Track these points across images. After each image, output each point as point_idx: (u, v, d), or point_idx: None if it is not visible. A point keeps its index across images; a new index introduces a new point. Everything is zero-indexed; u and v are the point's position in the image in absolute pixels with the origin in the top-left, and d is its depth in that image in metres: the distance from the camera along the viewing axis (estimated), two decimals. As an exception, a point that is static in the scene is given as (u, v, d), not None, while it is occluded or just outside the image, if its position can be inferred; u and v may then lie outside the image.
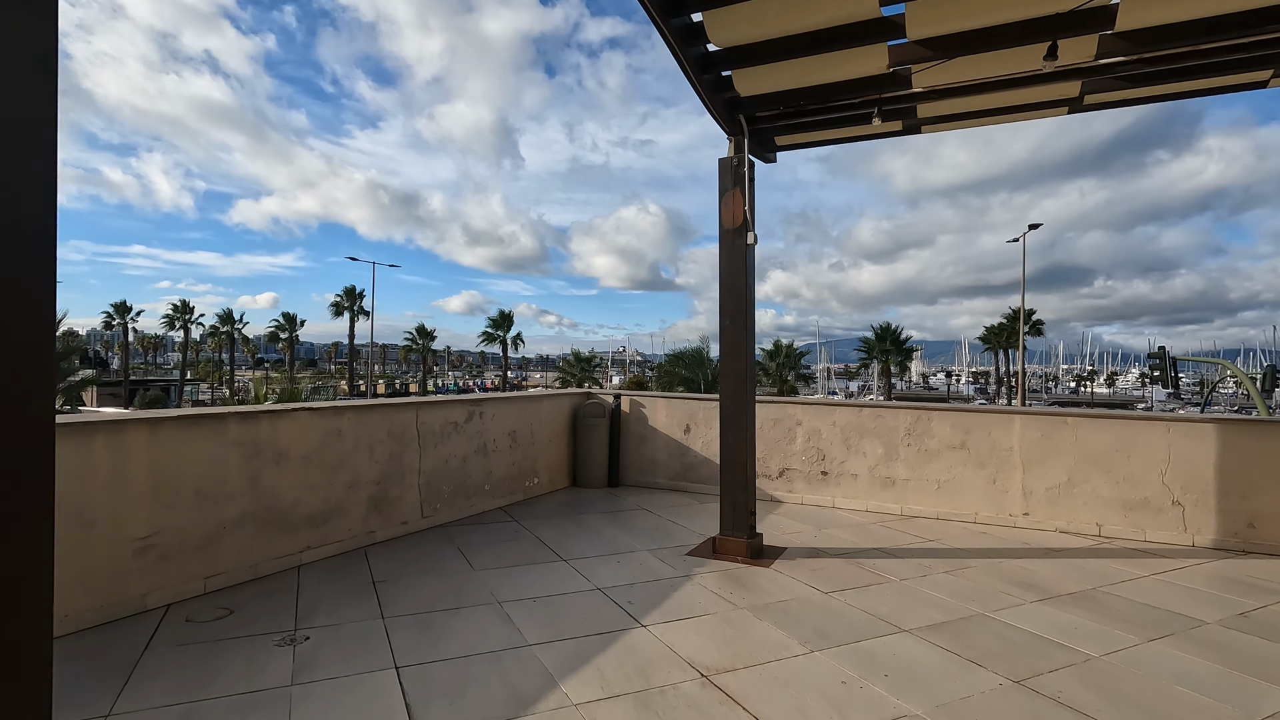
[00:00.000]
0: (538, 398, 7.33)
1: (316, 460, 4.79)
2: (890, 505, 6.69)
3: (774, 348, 48.32)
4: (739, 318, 5.17)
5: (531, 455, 7.15)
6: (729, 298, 5.21)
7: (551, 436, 7.49)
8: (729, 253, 5.19)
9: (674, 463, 7.72)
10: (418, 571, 4.62)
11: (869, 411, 6.84)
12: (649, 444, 7.87)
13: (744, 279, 5.16)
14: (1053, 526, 6.06)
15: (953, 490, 6.45)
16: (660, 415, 7.81)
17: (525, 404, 7.09)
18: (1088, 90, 4.53)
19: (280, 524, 4.53)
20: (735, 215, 5.16)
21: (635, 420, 7.94)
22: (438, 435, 5.90)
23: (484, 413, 6.47)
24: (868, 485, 6.81)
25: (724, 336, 5.24)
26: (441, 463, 5.94)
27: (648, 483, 7.83)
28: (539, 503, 6.92)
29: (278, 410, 4.51)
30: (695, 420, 7.62)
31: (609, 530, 5.88)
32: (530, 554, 5.13)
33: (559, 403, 7.68)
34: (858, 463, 6.86)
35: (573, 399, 7.95)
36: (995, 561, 5.11)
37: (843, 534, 5.90)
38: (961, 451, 6.43)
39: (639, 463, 7.91)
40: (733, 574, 4.72)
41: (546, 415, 7.41)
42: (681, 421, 7.68)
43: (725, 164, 5.22)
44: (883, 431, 6.76)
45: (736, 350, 5.19)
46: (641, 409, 7.92)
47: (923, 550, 5.42)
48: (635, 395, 8.04)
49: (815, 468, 7.05)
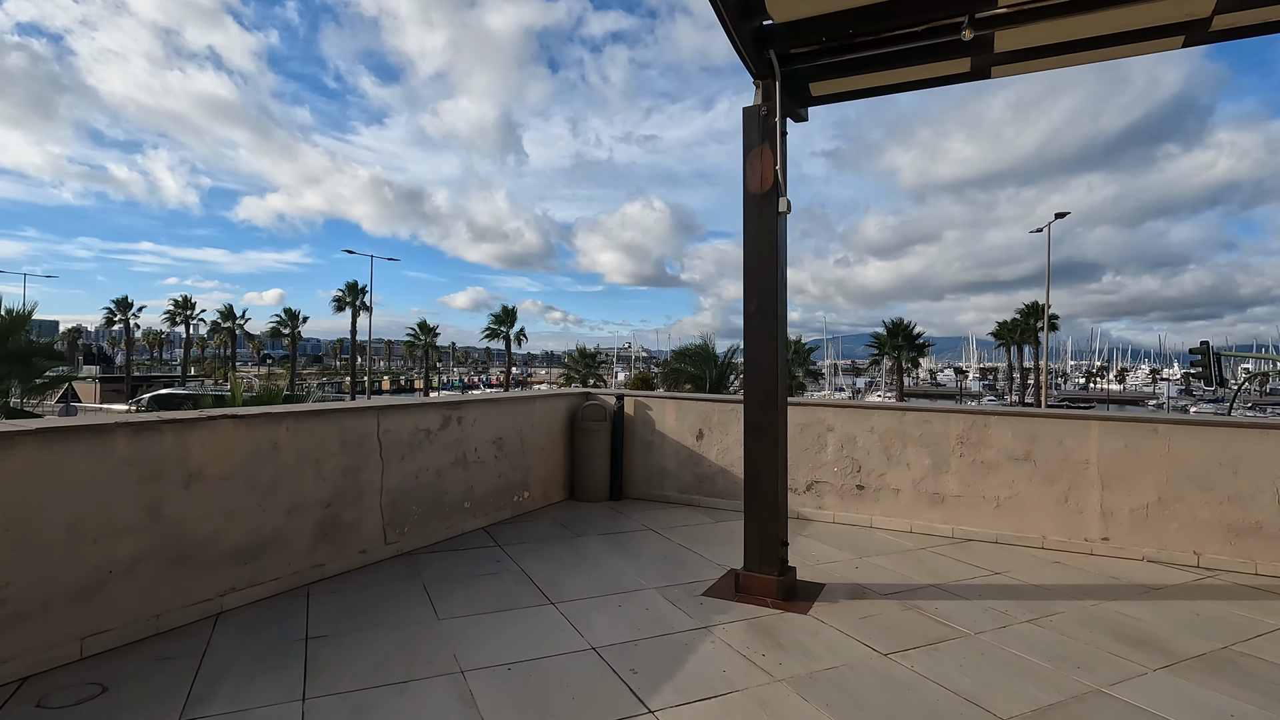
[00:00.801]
0: (528, 399, 6.38)
1: (244, 480, 3.85)
2: (939, 525, 5.71)
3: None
4: (767, 304, 4.20)
5: (521, 466, 6.20)
6: (755, 279, 4.24)
7: (545, 444, 6.54)
8: (756, 224, 4.22)
9: (685, 473, 6.77)
10: (366, 622, 3.67)
11: (913, 416, 5.86)
12: (657, 452, 6.91)
13: (774, 256, 4.19)
14: (1139, 554, 5.07)
15: (1015, 509, 5.47)
16: (669, 418, 6.86)
17: (513, 407, 6.14)
18: (1223, 7, 3.52)
19: (193, 563, 3.59)
20: (763, 176, 4.19)
21: (641, 424, 6.99)
22: (406, 445, 4.96)
23: (463, 418, 5.52)
24: (912, 501, 5.83)
25: (749, 327, 4.27)
26: (410, 478, 4.99)
27: (655, 496, 6.87)
28: (530, 522, 5.97)
29: (187, 419, 3.57)
30: (710, 424, 6.65)
31: (610, 559, 4.92)
32: (512, 593, 4.18)
33: (554, 405, 6.72)
34: (900, 475, 5.88)
35: (569, 400, 7.00)
36: (1085, 604, 4.13)
37: (888, 563, 4.93)
38: (1026, 464, 5.44)
39: (645, 473, 6.96)
40: (763, 624, 3.76)
41: (539, 419, 6.46)
42: (694, 426, 6.72)
43: (751, 114, 4.25)
44: (930, 439, 5.78)
45: (764, 345, 4.22)
46: (648, 411, 6.96)
47: (991, 587, 4.44)
48: (641, 396, 7.09)
49: (850, 481, 6.08)
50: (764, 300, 4.21)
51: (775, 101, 4.17)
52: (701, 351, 29.66)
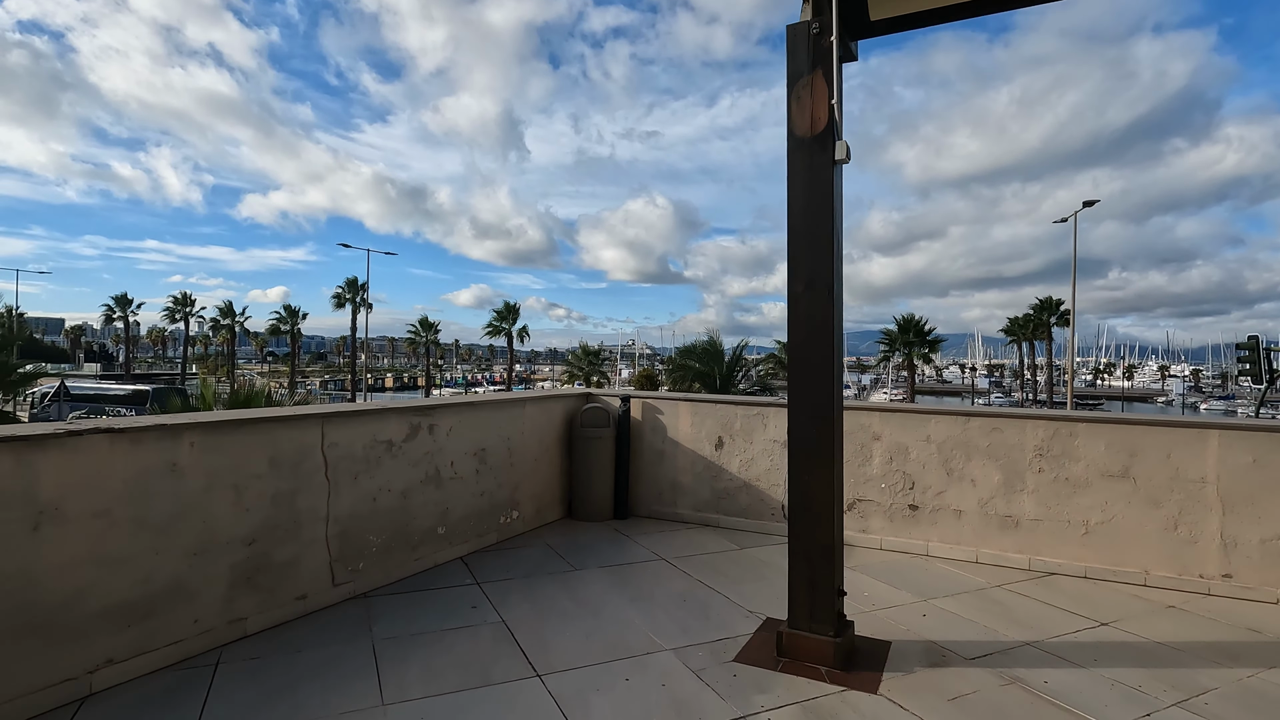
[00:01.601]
0: (517, 402, 5.40)
1: (127, 516, 2.89)
2: (1012, 555, 4.72)
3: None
4: (820, 281, 3.21)
5: (509, 481, 5.24)
6: (804, 249, 3.25)
7: (538, 454, 5.57)
8: (805, 177, 3.23)
9: (702, 488, 5.79)
10: (284, 711, 2.71)
11: (979, 424, 4.86)
12: (669, 462, 5.93)
13: (828, 220, 3.20)
14: (1273, 595, 4.08)
15: (1109, 537, 4.47)
16: (683, 424, 5.88)
17: (499, 412, 5.16)
18: None
19: (46, 632, 2.64)
20: (814, 114, 3.20)
21: (650, 431, 6.01)
22: (361, 462, 3.99)
23: (436, 426, 4.55)
24: (978, 525, 4.85)
25: (795, 314, 3.27)
26: (367, 501, 4.03)
27: (667, 514, 5.90)
28: (518, 549, 5.00)
29: (34, 436, 2.60)
30: (731, 431, 5.67)
31: (614, 602, 3.95)
32: (487, 658, 3.21)
33: (548, 409, 5.75)
34: (963, 494, 4.89)
35: (567, 404, 6.02)
36: (1239, 675, 3.14)
37: (962, 608, 3.94)
38: (1123, 482, 4.45)
39: (655, 487, 5.98)
40: (822, 711, 2.78)
41: (531, 426, 5.48)
42: (712, 433, 5.74)
43: (798, 33, 3.26)
44: (1000, 451, 4.79)
45: (816, 336, 3.23)
46: (658, 416, 5.98)
47: (1104, 646, 3.45)
48: (650, 398, 6.11)
49: (901, 499, 5.09)
50: (816, 276, 3.22)
51: (830, 16, 3.17)
52: (709, 348, 28.59)
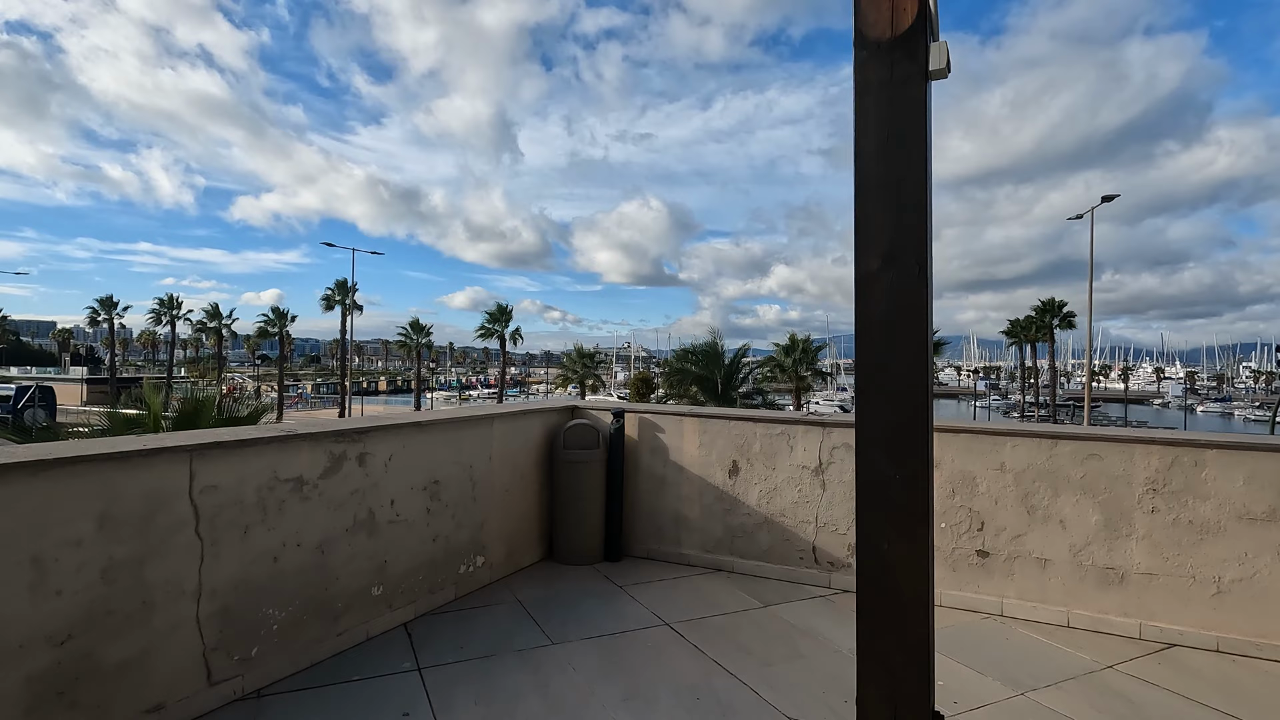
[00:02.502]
0: (482, 420, 4.32)
1: None
2: (1116, 618, 3.67)
3: (790, 342, 45.24)
4: (905, 253, 2.12)
5: (472, 519, 4.17)
6: (882, 208, 2.16)
7: (510, 483, 4.50)
8: (881, 99, 2.15)
9: (712, 523, 4.73)
10: None
11: (1071, 449, 3.81)
12: (671, 491, 4.87)
13: (919, 164, 2.12)
14: None
15: (1252, 598, 3.43)
16: (689, 444, 4.82)
17: (459, 433, 4.09)
18: None
19: None
20: (899, 3, 2.14)
21: (649, 452, 4.94)
22: (255, 509, 2.92)
23: (369, 455, 3.47)
24: (1069, 579, 3.80)
25: (867, 300, 2.18)
26: (264, 563, 2.95)
27: (669, 554, 4.84)
28: (481, 607, 3.93)
29: None
30: (748, 454, 4.62)
31: (601, 706, 2.87)
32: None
33: (524, 427, 4.68)
34: (1049, 538, 3.84)
35: (547, 420, 4.94)
36: None
37: (1075, 706, 2.89)
38: (1271, 527, 3.40)
39: (655, 522, 4.92)
40: None
41: (502, 449, 4.41)
42: (725, 456, 4.68)
43: (871, -115, 2.20)
44: (1099, 484, 3.74)
45: (902, 333, 2.15)
46: (658, 435, 4.92)
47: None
48: (649, 412, 5.04)
49: (966, 543, 4.04)
50: (899, 246, 2.14)
51: None
52: (709, 350, 27.54)
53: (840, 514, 4.34)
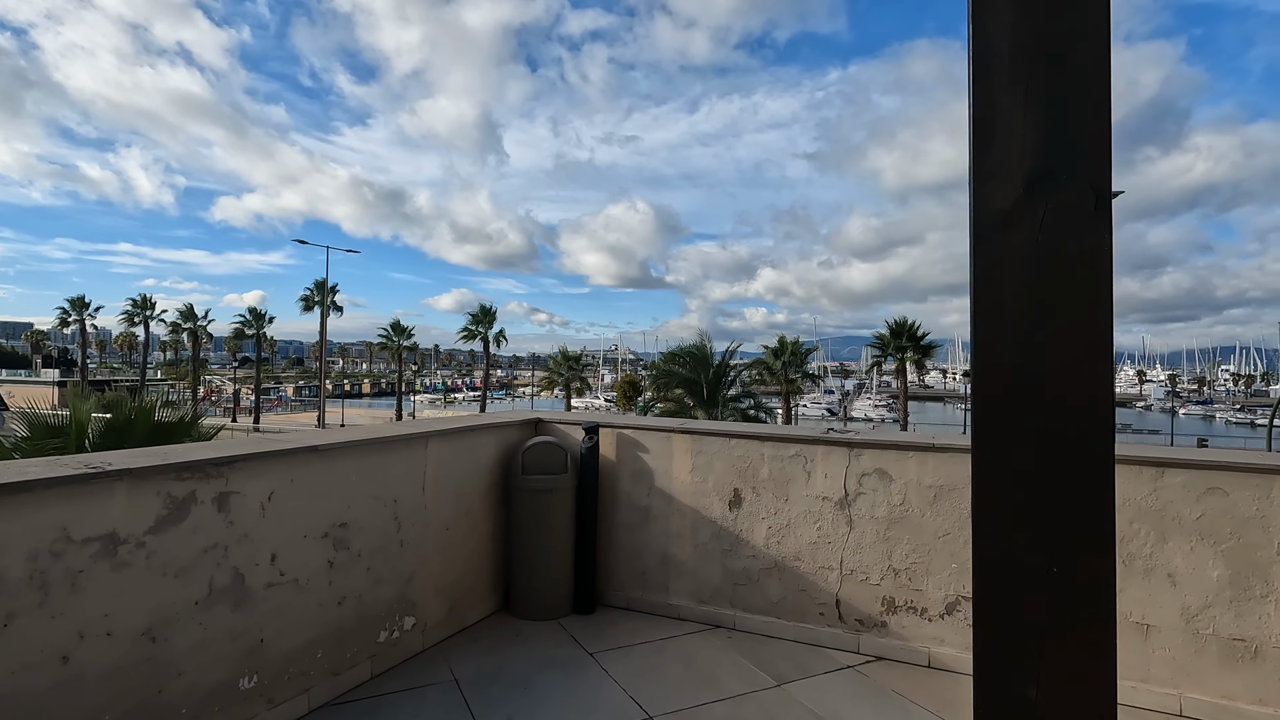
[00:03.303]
0: (414, 439, 3.33)
1: None
2: (1249, 706, 2.76)
3: (779, 344, 44.47)
4: (1070, 177, 1.20)
5: (396, 569, 3.19)
6: (1027, 98, 1.25)
7: (454, 519, 3.53)
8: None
9: (708, 567, 3.78)
10: None
11: (1183, 479, 2.90)
12: (657, 526, 3.92)
13: (1103, 13, 1.21)
14: None
15: None
16: (680, 467, 3.87)
17: (379, 458, 3.11)
18: None
19: None
20: None
21: (630, 477, 3.99)
22: (23, 591, 1.94)
23: (236, 494, 2.49)
24: (1181, 651, 2.89)
25: (992, 256, 1.27)
26: (44, 668, 1.97)
27: (655, 605, 3.88)
28: (404, 691, 2.95)
29: None
30: (754, 480, 3.68)
31: None
32: None
33: (471, 447, 3.70)
34: (1153, 597, 2.93)
35: (502, 437, 3.97)
36: None
37: None
38: None
39: (637, 563, 3.97)
40: None
41: (440, 476, 3.44)
42: (724, 481, 3.74)
43: None
44: (1222, 527, 2.83)
45: (1068, 301, 1.23)
46: (642, 455, 3.96)
47: None
48: (630, 427, 4.08)
49: (1039, 601, 3.13)
50: (1061, 161, 1.21)
51: None
52: (696, 352, 26.61)
53: (872, 559, 3.41)
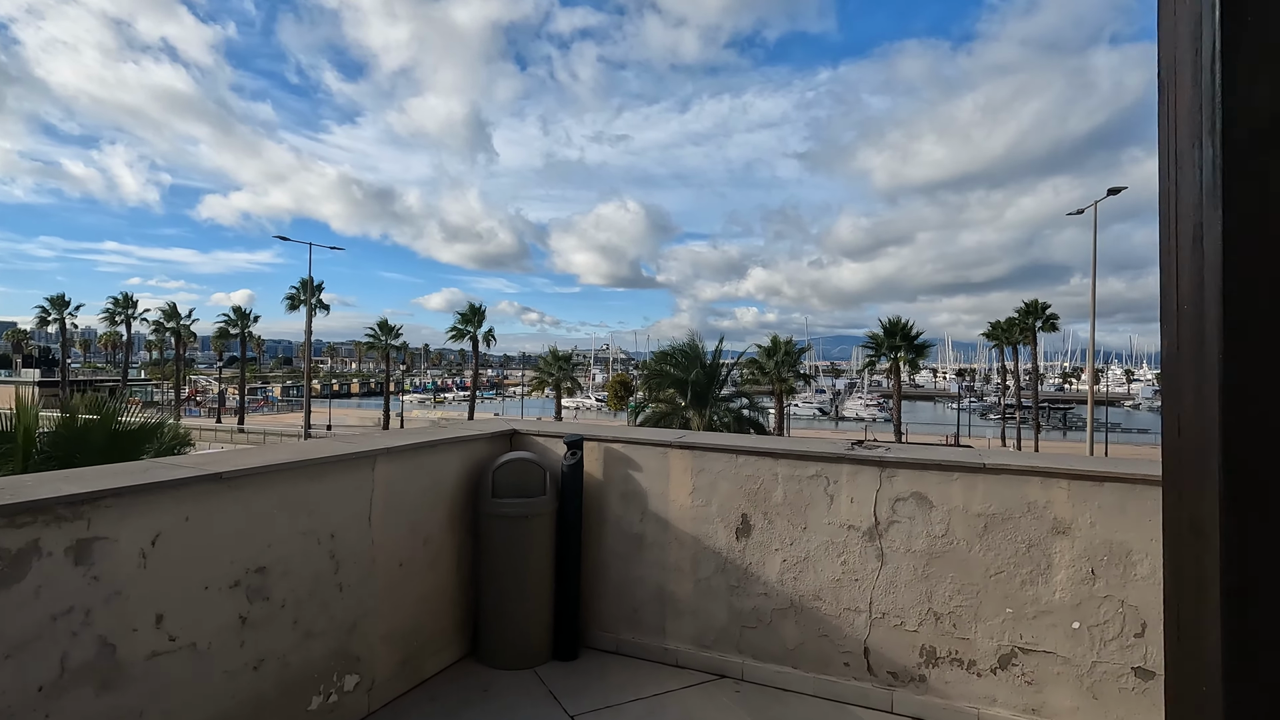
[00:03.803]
0: (356, 461, 2.74)
1: None
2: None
3: (771, 343, 44.02)
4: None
5: (334, 619, 2.61)
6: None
7: (408, 552, 2.95)
8: None
9: (713, 606, 3.23)
10: None
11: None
12: (652, 556, 3.36)
13: None
14: None
15: None
16: (679, 488, 3.31)
17: (306, 485, 2.51)
18: None
19: None
20: None
21: (620, 499, 3.42)
22: None
23: (103, 540, 1.91)
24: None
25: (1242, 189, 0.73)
26: None
27: (649, 650, 3.32)
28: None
29: None
30: (766, 504, 3.12)
31: None
32: None
33: (430, 467, 3.12)
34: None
35: (469, 453, 3.38)
36: None
37: None
38: None
39: (629, 600, 3.40)
40: None
41: (392, 504, 2.86)
42: (730, 505, 3.19)
43: None
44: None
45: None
46: (634, 473, 3.40)
47: None
48: (620, 441, 3.50)
49: (1115, 656, 2.58)
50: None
51: None
52: (688, 352, 26.05)
53: (908, 600, 2.87)
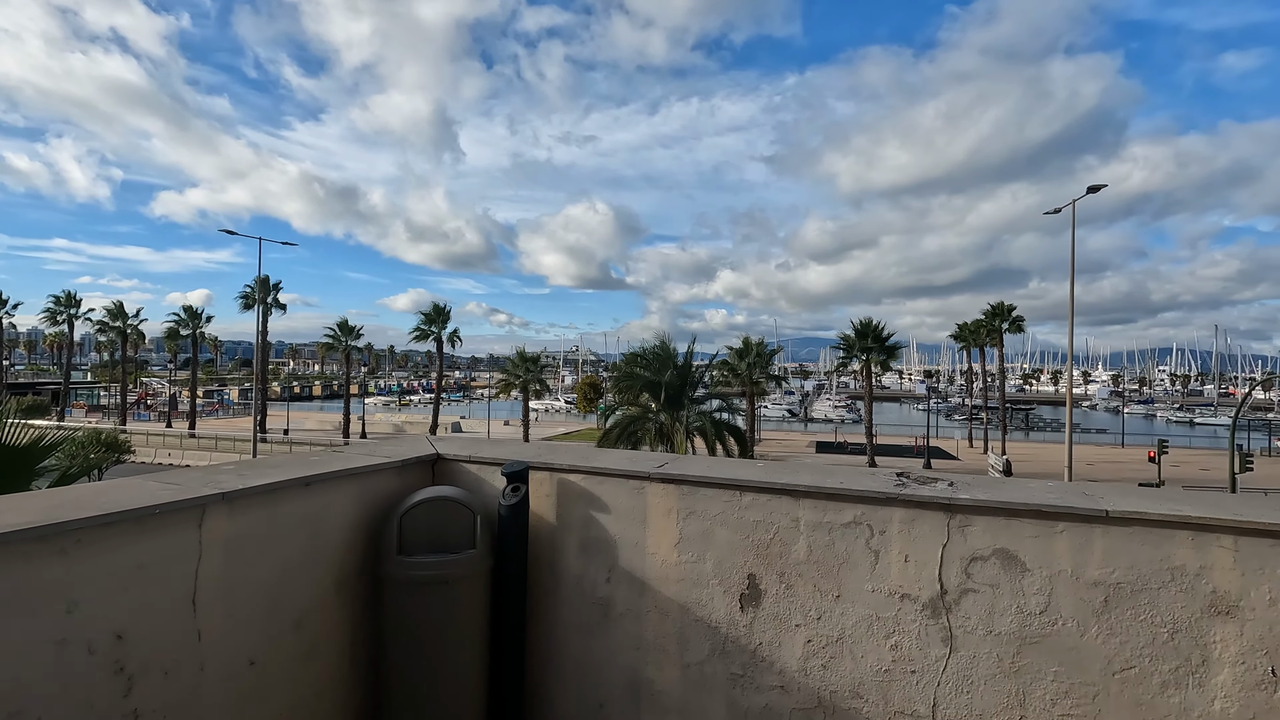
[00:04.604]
0: (182, 511, 1.72)
1: None
2: None
3: (743, 345, 43.40)
4: None
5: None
6: None
7: (265, 643, 1.98)
8: None
9: (707, 701, 2.32)
10: None
11: None
12: (623, 630, 2.44)
13: None
14: None
15: None
16: (659, 534, 2.39)
17: (65, 566, 1.52)
18: None
19: None
20: None
21: (580, 551, 2.49)
22: None
23: None
24: None
25: None
26: None
27: (619, 759, 2.41)
28: None
29: None
30: (781, 560, 2.22)
31: None
32: None
33: (301, 517, 2.15)
34: None
35: (366, 490, 2.41)
36: None
37: None
38: None
39: (590, 690, 2.47)
40: None
41: (234, 579, 1.87)
42: (732, 561, 2.29)
43: None
44: None
45: None
46: (598, 515, 2.47)
47: None
48: (578, 470, 2.56)
49: (1317, 801, 1.76)
50: None
51: None
52: (660, 353, 25.20)
53: (990, 703, 2.00)
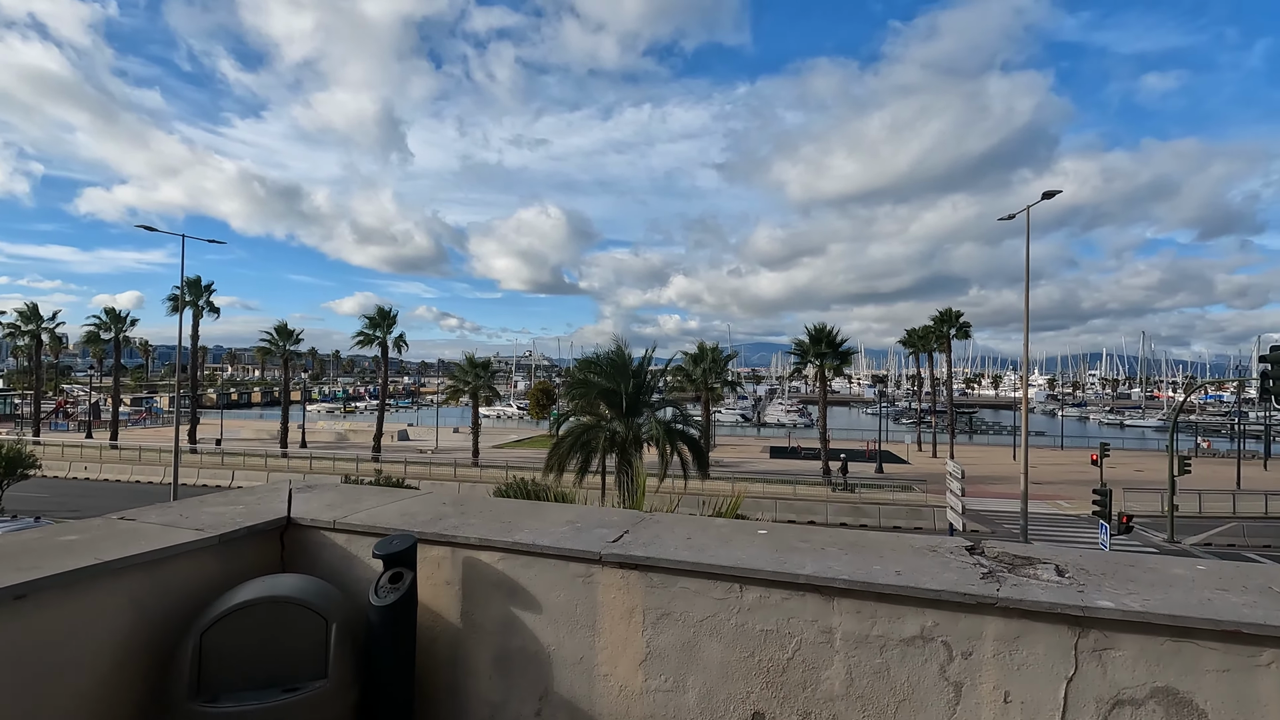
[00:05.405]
0: None
1: None
2: None
3: (699, 350, 42.90)
4: None
5: None
6: None
7: None
8: None
9: None
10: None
11: None
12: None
13: None
14: None
15: None
16: (615, 645, 1.59)
17: None
18: None
19: None
20: None
21: (494, 667, 1.66)
22: None
23: None
24: None
25: None
26: None
27: None
28: None
29: None
30: (803, 693, 1.45)
31: None
32: None
33: (38, 632, 1.31)
34: None
35: (158, 584, 1.49)
36: None
37: None
38: None
39: None
40: None
41: None
42: (726, 689, 1.51)
43: None
44: None
45: None
46: (522, 614, 1.64)
47: None
48: (492, 548, 1.66)
49: None
50: None
51: None
52: (614, 359, 24.31)
53: None
